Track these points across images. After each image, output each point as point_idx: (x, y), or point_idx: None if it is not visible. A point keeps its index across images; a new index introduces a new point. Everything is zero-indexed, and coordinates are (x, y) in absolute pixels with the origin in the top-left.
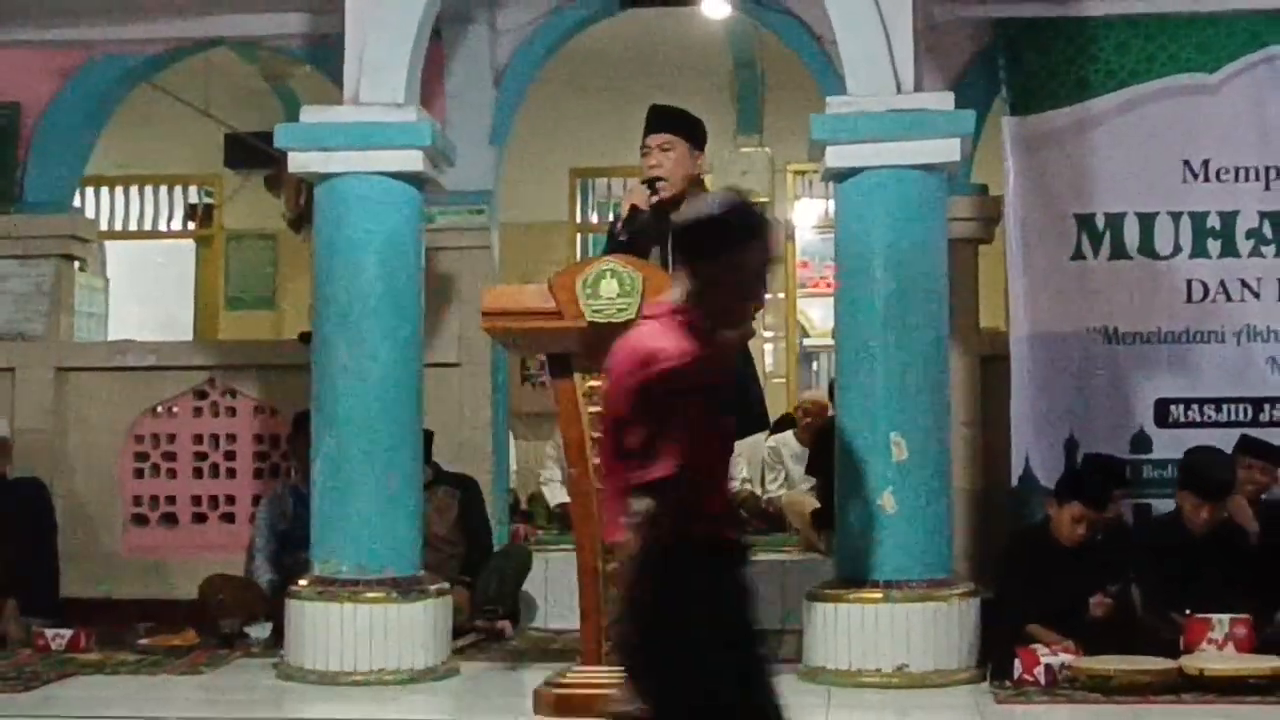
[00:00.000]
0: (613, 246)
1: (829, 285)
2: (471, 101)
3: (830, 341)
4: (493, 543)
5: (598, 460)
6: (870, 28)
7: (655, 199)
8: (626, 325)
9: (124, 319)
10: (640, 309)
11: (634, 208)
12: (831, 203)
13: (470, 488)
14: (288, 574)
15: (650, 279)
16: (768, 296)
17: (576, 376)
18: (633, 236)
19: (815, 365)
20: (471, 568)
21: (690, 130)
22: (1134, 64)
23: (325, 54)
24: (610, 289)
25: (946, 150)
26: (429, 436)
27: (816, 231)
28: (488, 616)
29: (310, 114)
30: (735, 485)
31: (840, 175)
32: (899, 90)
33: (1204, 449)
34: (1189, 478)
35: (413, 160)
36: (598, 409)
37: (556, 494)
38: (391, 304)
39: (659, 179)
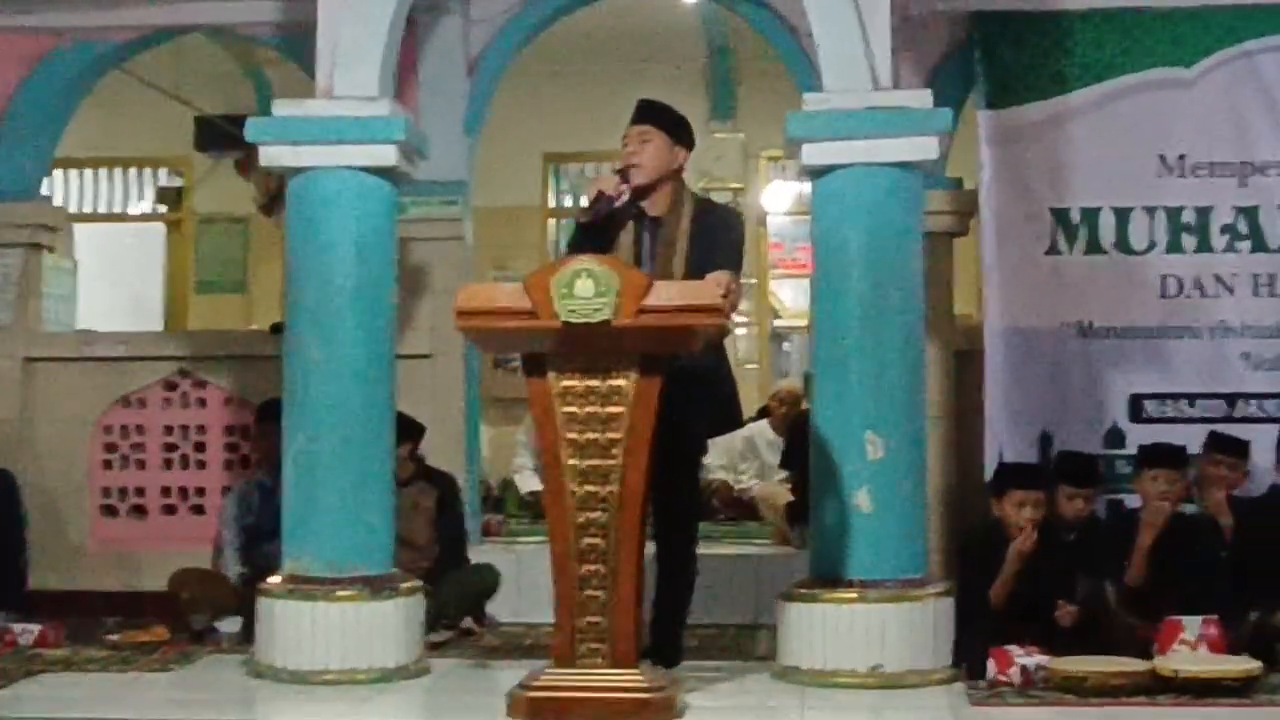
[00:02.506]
0: (579, 233)
1: (800, 266)
2: (445, 91)
3: (802, 322)
4: (465, 546)
5: (571, 461)
6: (847, 24)
7: (626, 186)
8: (601, 326)
9: (93, 301)
10: (617, 309)
11: (600, 193)
12: (804, 186)
13: (448, 486)
14: (256, 567)
15: (626, 278)
16: (741, 281)
17: (551, 376)
18: (595, 222)
19: (786, 346)
20: (441, 570)
21: (671, 124)
22: (1110, 58)
23: (298, 42)
24: (586, 289)
25: (924, 148)
26: (420, 430)
27: (788, 215)
28: (444, 625)
29: (282, 107)
30: (708, 474)
31: (816, 173)
32: (876, 87)
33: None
34: (1142, 456)
35: (386, 155)
36: (572, 409)
37: (528, 482)
38: (364, 300)
39: (632, 166)
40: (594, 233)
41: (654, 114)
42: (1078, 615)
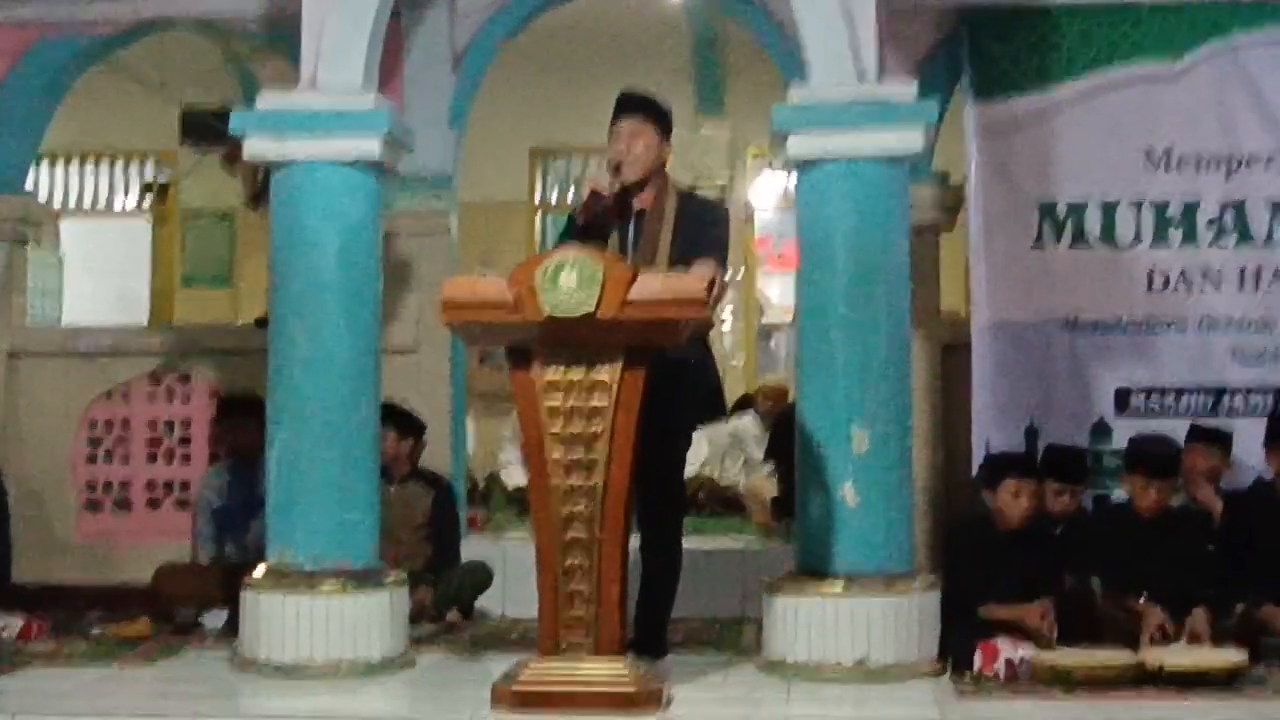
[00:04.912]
0: (572, 230)
1: (787, 261)
2: (431, 84)
3: (789, 318)
4: (459, 547)
5: (556, 454)
6: (833, 17)
7: (619, 184)
8: (585, 318)
9: (79, 296)
10: (600, 301)
11: (594, 192)
12: (792, 181)
13: (443, 489)
14: (226, 554)
15: (610, 271)
16: (728, 277)
17: (535, 369)
18: (591, 221)
19: (773, 342)
20: (436, 569)
21: (660, 117)
22: (1097, 52)
23: (283, 34)
24: (569, 281)
25: (910, 141)
26: (422, 428)
27: (775, 210)
28: (430, 618)
29: (266, 99)
30: (694, 468)
31: (802, 165)
32: (862, 80)
33: (1148, 434)
34: (1133, 459)
35: (371, 148)
36: (556, 402)
37: (514, 476)
38: (349, 293)
39: (624, 163)
40: (589, 232)
41: (643, 107)
42: (1057, 616)
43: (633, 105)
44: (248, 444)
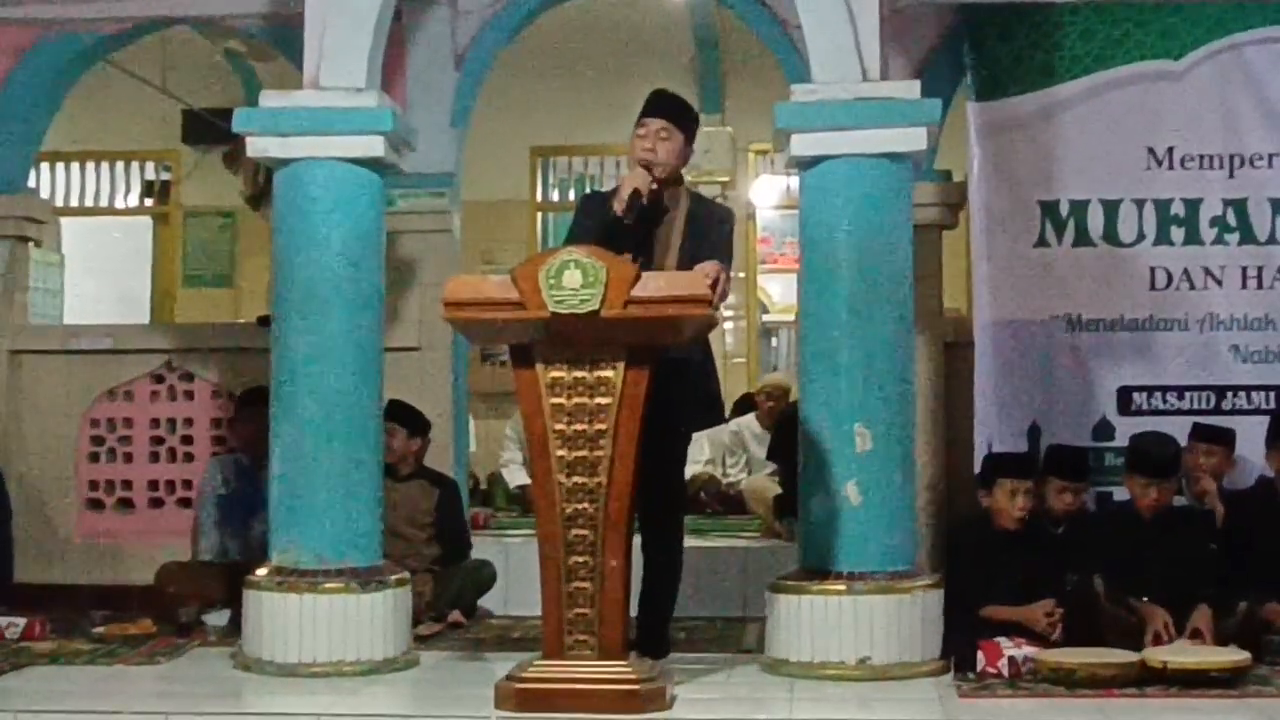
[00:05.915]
0: (611, 226)
1: (789, 261)
2: (433, 84)
3: (790, 317)
4: (468, 544)
5: (559, 453)
6: (836, 15)
7: (655, 184)
8: (589, 316)
9: (80, 295)
10: (604, 300)
11: (636, 191)
12: (792, 181)
13: (449, 487)
14: (230, 547)
15: (614, 269)
16: (730, 275)
17: (539, 367)
18: (632, 219)
19: (775, 341)
20: (440, 568)
21: (688, 123)
22: (1099, 50)
23: (285, 34)
24: (573, 280)
25: (913, 139)
26: (428, 426)
27: (776, 209)
28: (432, 618)
29: (269, 98)
30: (696, 468)
31: (805, 164)
32: (865, 78)
33: (1149, 432)
34: (1134, 459)
35: (373, 146)
36: (560, 400)
37: (516, 475)
38: (352, 292)
39: (654, 163)
40: (629, 229)
41: (673, 111)
42: (1063, 616)
43: (665, 106)
44: (261, 437)
